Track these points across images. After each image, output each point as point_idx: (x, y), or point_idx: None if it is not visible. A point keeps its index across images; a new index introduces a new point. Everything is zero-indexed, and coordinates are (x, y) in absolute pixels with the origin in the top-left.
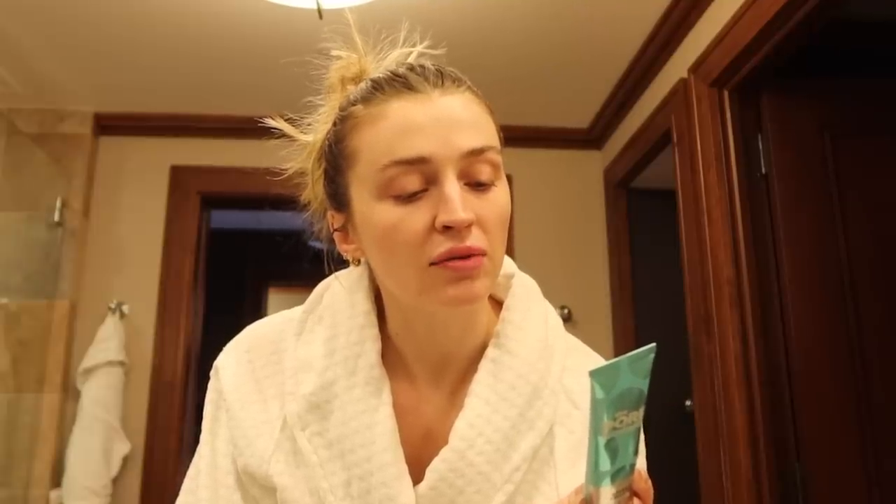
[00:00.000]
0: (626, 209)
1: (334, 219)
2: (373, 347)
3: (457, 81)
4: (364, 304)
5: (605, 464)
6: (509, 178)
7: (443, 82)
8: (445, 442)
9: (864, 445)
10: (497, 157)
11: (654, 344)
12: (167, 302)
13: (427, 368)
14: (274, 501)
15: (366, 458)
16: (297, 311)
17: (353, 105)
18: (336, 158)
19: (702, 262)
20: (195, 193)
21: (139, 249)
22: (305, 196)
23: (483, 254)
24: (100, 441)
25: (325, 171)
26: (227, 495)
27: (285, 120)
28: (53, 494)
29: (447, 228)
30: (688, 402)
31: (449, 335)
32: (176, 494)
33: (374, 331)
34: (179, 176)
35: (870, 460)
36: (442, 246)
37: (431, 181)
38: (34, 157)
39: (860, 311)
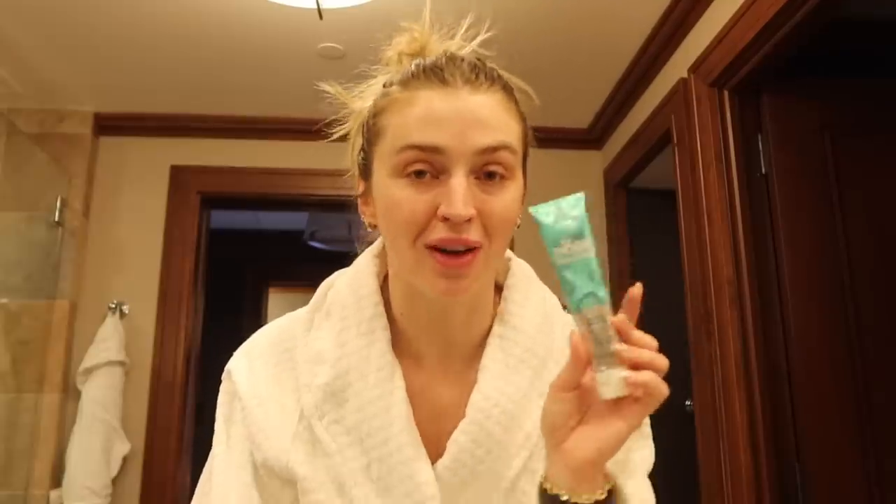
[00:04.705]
0: (626, 209)
1: (359, 184)
2: (383, 335)
3: (492, 80)
4: (372, 296)
5: (569, 291)
6: None
7: (476, 78)
8: (457, 420)
9: (864, 445)
10: (511, 158)
11: (582, 193)
12: (167, 302)
13: (434, 351)
14: (293, 494)
15: (384, 441)
16: (302, 311)
17: (393, 85)
18: (370, 132)
19: (702, 262)
20: (195, 193)
21: (139, 249)
22: (348, 160)
23: (478, 247)
24: (100, 441)
25: (362, 141)
26: (245, 492)
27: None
28: (53, 494)
29: (447, 219)
30: (688, 402)
31: (453, 321)
32: (176, 494)
33: (384, 319)
34: (179, 176)
35: (870, 460)
36: (440, 233)
37: (443, 171)
38: (34, 157)
39: (860, 311)
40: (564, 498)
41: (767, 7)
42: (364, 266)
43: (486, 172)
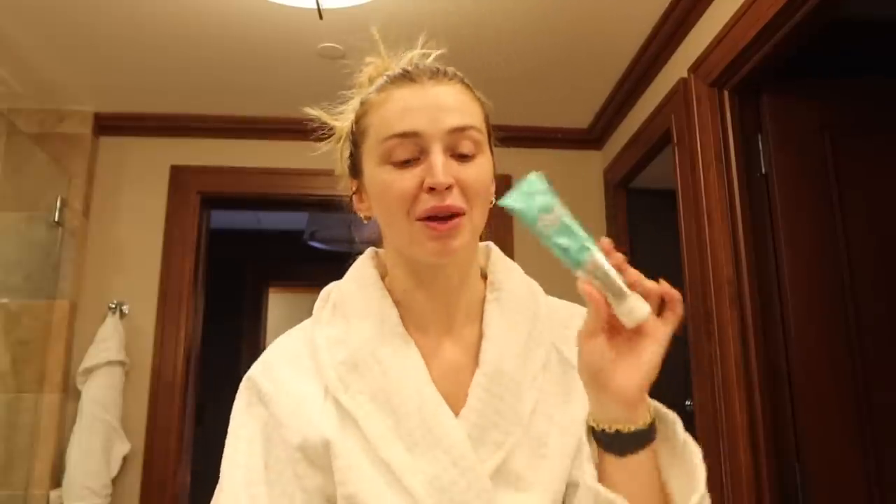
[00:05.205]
0: (626, 209)
1: (352, 184)
2: (392, 312)
3: (450, 76)
4: (377, 282)
5: (564, 255)
6: (509, 178)
7: (438, 76)
8: (467, 375)
9: (864, 445)
10: (478, 136)
11: (535, 173)
12: (167, 302)
13: (437, 319)
14: (322, 477)
15: (407, 400)
16: (307, 320)
17: (370, 95)
18: (355, 136)
19: (702, 262)
20: (195, 193)
21: (139, 249)
22: (337, 171)
23: (462, 213)
24: (100, 441)
25: (350, 148)
26: (253, 491)
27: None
28: (53, 494)
29: (431, 189)
30: (688, 402)
31: (449, 287)
32: (176, 494)
33: (389, 300)
34: (179, 176)
35: (870, 460)
36: (427, 203)
37: (422, 152)
38: (34, 157)
39: (860, 312)
40: (624, 430)
41: (767, 7)
42: (362, 265)
43: (459, 151)
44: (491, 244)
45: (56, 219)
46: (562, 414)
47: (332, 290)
